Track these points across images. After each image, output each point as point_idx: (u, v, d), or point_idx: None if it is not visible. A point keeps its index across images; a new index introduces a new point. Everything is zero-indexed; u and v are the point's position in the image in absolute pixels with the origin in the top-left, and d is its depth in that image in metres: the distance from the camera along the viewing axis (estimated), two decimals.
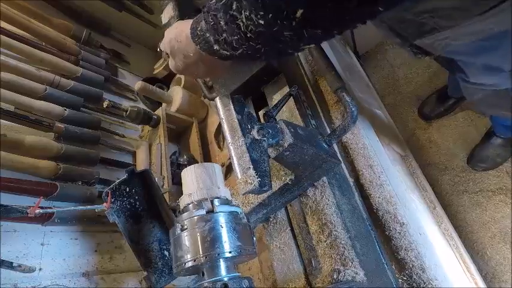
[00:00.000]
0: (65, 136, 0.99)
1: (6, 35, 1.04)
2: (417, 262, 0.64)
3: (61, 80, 1.08)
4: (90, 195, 0.92)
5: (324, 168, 0.67)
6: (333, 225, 0.64)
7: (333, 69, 0.77)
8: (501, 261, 1.28)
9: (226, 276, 0.51)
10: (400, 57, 1.93)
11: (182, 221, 0.53)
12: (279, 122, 0.60)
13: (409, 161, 1.35)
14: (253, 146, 0.55)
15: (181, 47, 0.54)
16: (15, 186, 0.79)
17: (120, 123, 1.29)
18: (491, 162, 1.41)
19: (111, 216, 0.68)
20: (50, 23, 1.23)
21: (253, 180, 0.50)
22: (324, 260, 0.63)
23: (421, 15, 0.58)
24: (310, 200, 0.70)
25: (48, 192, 0.83)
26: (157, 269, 0.72)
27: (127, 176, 0.73)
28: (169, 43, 0.57)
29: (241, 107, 0.63)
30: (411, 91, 1.82)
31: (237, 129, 0.57)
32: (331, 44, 1.20)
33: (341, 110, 0.84)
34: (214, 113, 1.34)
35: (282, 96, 0.80)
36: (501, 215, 1.34)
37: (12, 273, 0.71)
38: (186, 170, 0.59)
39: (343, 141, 0.83)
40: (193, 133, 1.34)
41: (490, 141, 1.40)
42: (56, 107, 1.01)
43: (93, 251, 0.92)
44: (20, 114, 0.93)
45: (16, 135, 0.87)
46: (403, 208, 0.72)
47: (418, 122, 1.73)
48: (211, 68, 0.57)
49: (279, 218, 0.76)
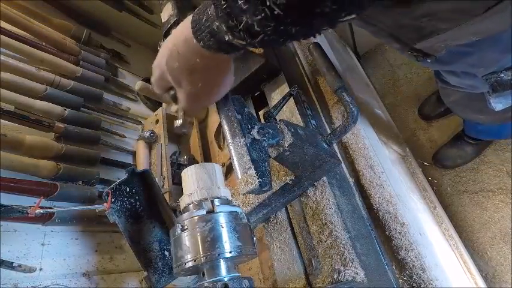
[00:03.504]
0: (65, 136, 0.99)
1: (6, 35, 1.04)
2: (417, 262, 0.64)
3: (61, 80, 1.08)
4: (90, 195, 0.92)
5: (324, 168, 0.67)
6: (333, 225, 0.64)
7: (333, 69, 0.77)
8: (501, 261, 1.28)
9: (227, 276, 0.50)
10: (400, 57, 1.93)
11: (182, 221, 0.53)
12: (279, 122, 0.60)
13: (409, 161, 1.35)
14: (254, 146, 0.55)
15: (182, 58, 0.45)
16: (15, 186, 0.79)
17: (120, 123, 1.29)
18: (451, 162, 1.51)
19: (112, 216, 0.68)
20: (50, 23, 1.23)
21: (254, 181, 0.50)
22: (324, 260, 0.63)
23: (420, 19, 0.58)
24: (310, 200, 0.70)
25: (48, 192, 0.83)
26: (158, 269, 0.72)
27: (127, 176, 0.73)
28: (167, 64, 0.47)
29: (241, 107, 0.63)
30: (411, 91, 1.82)
31: (237, 129, 0.57)
32: (331, 44, 1.20)
33: (341, 110, 0.84)
34: (214, 113, 1.34)
35: (282, 96, 0.80)
36: (501, 215, 1.34)
37: (13, 273, 0.71)
38: (186, 170, 0.59)
39: (343, 142, 0.83)
40: (193, 133, 1.34)
41: (457, 143, 1.48)
42: (56, 107, 1.01)
43: (93, 251, 0.92)
44: (20, 114, 0.93)
45: (16, 135, 0.87)
46: (403, 208, 0.72)
47: (418, 122, 1.73)
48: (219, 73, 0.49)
49: (279, 218, 0.76)
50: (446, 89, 0.92)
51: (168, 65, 0.47)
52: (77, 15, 1.39)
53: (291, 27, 0.33)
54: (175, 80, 0.49)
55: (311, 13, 0.31)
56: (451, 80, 0.82)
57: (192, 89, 0.49)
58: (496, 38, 0.62)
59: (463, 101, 0.96)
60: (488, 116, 0.97)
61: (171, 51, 0.46)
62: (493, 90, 0.71)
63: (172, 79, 0.49)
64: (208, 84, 0.49)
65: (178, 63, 0.46)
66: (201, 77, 0.47)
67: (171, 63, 0.47)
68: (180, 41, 0.44)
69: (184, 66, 0.46)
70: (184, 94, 0.51)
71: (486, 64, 0.69)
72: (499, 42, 0.63)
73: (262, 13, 0.31)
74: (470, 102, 0.94)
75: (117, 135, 1.22)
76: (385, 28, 0.67)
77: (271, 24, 0.32)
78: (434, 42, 0.62)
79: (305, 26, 0.34)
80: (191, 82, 0.48)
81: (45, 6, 1.30)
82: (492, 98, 0.73)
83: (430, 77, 1.77)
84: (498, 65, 0.69)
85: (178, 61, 0.46)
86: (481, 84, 0.75)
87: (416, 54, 0.68)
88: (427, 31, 0.60)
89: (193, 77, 0.47)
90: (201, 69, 0.46)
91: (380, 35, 0.69)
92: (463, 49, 0.66)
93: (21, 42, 1.06)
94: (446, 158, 1.51)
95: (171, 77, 0.49)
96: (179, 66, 0.46)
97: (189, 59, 0.45)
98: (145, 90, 1.25)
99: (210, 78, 0.49)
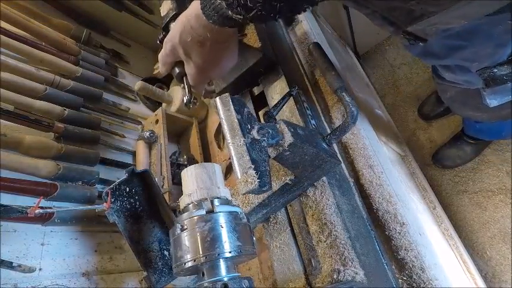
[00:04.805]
0: (65, 136, 0.99)
1: (6, 35, 1.04)
2: (417, 262, 0.64)
3: (61, 80, 1.08)
4: (90, 195, 0.92)
5: (324, 168, 0.67)
6: (333, 225, 0.64)
7: (333, 69, 0.77)
8: (501, 261, 1.28)
9: (226, 276, 0.51)
10: (400, 57, 1.93)
11: (182, 221, 0.53)
12: (279, 122, 0.60)
13: (409, 161, 1.35)
14: (253, 146, 0.55)
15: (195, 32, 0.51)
16: (15, 186, 0.79)
17: (120, 123, 1.29)
18: (451, 162, 1.51)
19: (111, 216, 0.68)
20: (50, 23, 1.23)
21: (254, 180, 0.50)
22: (323, 260, 0.63)
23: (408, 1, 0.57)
24: (310, 200, 0.70)
25: (48, 192, 0.83)
26: (157, 269, 0.72)
27: (127, 176, 0.73)
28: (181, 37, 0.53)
29: (241, 107, 0.63)
30: (411, 91, 1.83)
31: (237, 129, 0.57)
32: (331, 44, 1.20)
33: (341, 110, 0.84)
34: (214, 113, 1.34)
35: (281, 97, 0.80)
36: (501, 215, 1.34)
37: (12, 273, 0.71)
38: (186, 170, 0.59)
39: (343, 141, 0.83)
40: (193, 133, 1.34)
41: (456, 143, 1.48)
42: (56, 107, 1.01)
43: (93, 251, 0.92)
44: (20, 114, 0.93)
45: (16, 135, 0.87)
46: (403, 208, 0.72)
47: (418, 122, 1.73)
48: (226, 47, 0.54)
49: (279, 218, 0.76)
50: (443, 84, 0.92)
51: (181, 38, 0.53)
52: (76, 15, 1.39)
53: (276, 3, 0.39)
54: (186, 52, 0.56)
55: None
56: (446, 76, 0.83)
57: (201, 61, 0.55)
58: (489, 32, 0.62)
59: (460, 97, 0.96)
60: (485, 113, 0.97)
61: (185, 26, 0.52)
62: (486, 85, 0.71)
63: (183, 52, 0.55)
64: (215, 56, 0.55)
65: (191, 37, 0.52)
66: (210, 50, 0.53)
67: (184, 36, 0.52)
68: (192, 17, 0.50)
69: (196, 39, 0.52)
70: (193, 66, 0.57)
71: (480, 59, 0.69)
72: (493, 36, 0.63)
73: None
74: (467, 98, 0.94)
75: (117, 135, 1.22)
76: (378, 10, 0.67)
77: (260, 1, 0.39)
78: (425, 25, 0.61)
79: (288, 3, 0.40)
80: (201, 54, 0.54)
81: (45, 6, 1.30)
82: (487, 94, 0.73)
83: (430, 77, 1.77)
84: (491, 59, 0.68)
85: (191, 34, 0.51)
86: (475, 79, 0.74)
87: (409, 37, 0.68)
88: (417, 14, 0.59)
89: (203, 49, 0.53)
90: (210, 43, 0.52)
91: (374, 17, 0.69)
92: (457, 43, 0.66)
93: (21, 42, 1.06)
94: (446, 158, 1.52)
95: (182, 50, 0.55)
96: (192, 39, 0.52)
97: (200, 33, 0.50)
98: (145, 90, 1.25)
99: (217, 51, 0.55)
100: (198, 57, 0.55)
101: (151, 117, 1.31)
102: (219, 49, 0.55)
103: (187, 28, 0.51)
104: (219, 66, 0.59)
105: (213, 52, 0.54)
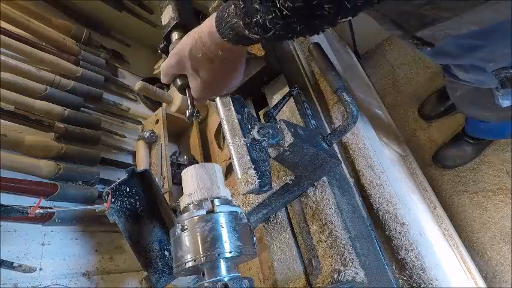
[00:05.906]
0: (65, 136, 0.99)
1: (6, 35, 1.04)
2: (417, 262, 0.64)
3: (61, 80, 1.08)
4: (90, 195, 0.92)
5: (324, 168, 0.67)
6: (333, 225, 0.64)
7: (333, 69, 0.77)
8: (501, 261, 1.28)
9: (227, 276, 0.51)
10: (400, 57, 1.93)
11: (182, 221, 0.53)
12: (279, 122, 0.60)
13: (409, 161, 1.35)
14: (254, 146, 0.55)
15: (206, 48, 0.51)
16: (15, 186, 0.79)
17: (120, 123, 1.29)
18: (451, 162, 1.51)
19: (112, 216, 0.68)
20: (50, 23, 1.23)
21: (254, 180, 0.50)
22: (324, 260, 0.63)
23: (422, 7, 0.57)
24: (310, 200, 0.70)
25: (48, 192, 0.83)
26: (158, 269, 0.72)
27: (127, 176, 0.73)
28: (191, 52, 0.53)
29: (241, 107, 0.63)
30: (411, 91, 1.82)
31: (237, 129, 0.57)
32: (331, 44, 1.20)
33: (341, 110, 0.84)
34: (214, 113, 1.34)
35: (282, 96, 0.80)
36: (501, 215, 1.34)
37: (13, 273, 0.71)
38: (186, 170, 0.59)
39: (343, 141, 0.83)
40: (193, 133, 1.34)
41: (457, 143, 1.49)
42: (56, 107, 1.01)
43: (93, 251, 0.92)
44: (20, 114, 0.93)
45: (16, 135, 0.87)
46: (403, 208, 0.72)
47: (418, 122, 1.73)
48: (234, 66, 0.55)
49: (279, 218, 0.76)
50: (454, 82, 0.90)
51: (191, 53, 0.53)
52: (77, 15, 1.39)
53: (296, 25, 0.39)
54: (194, 68, 0.56)
55: (313, 15, 0.37)
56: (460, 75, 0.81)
57: (209, 77, 0.56)
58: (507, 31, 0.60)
59: (470, 96, 0.95)
60: (494, 113, 0.96)
61: (196, 41, 0.52)
62: (502, 85, 0.70)
63: (191, 66, 0.56)
64: (223, 73, 0.56)
65: (202, 53, 0.52)
66: (219, 67, 0.54)
67: (194, 52, 0.53)
68: (205, 33, 0.50)
69: (206, 56, 0.52)
70: (200, 81, 0.57)
71: (497, 59, 0.68)
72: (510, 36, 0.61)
73: (273, 13, 0.38)
74: (477, 97, 0.92)
75: (117, 135, 1.22)
76: (388, 14, 0.66)
77: (280, 22, 0.38)
78: (435, 30, 0.61)
79: (308, 25, 0.39)
80: (210, 70, 0.55)
81: (45, 6, 1.30)
82: (500, 94, 0.72)
83: (430, 77, 1.77)
84: (509, 59, 0.67)
85: (202, 50, 0.52)
86: (490, 79, 0.73)
87: (417, 42, 0.67)
88: (429, 19, 0.59)
89: (212, 66, 0.54)
90: (220, 60, 0.52)
91: (383, 20, 0.69)
92: (473, 42, 0.65)
93: (21, 42, 1.06)
94: (446, 158, 1.52)
95: (191, 65, 0.55)
96: (202, 55, 0.52)
97: (212, 50, 0.51)
98: (145, 90, 1.25)
99: (226, 69, 0.55)
100: (207, 73, 0.55)
101: (152, 117, 1.31)
102: (228, 67, 0.55)
103: (199, 44, 0.52)
104: (225, 83, 0.60)
105: (222, 69, 0.55)
